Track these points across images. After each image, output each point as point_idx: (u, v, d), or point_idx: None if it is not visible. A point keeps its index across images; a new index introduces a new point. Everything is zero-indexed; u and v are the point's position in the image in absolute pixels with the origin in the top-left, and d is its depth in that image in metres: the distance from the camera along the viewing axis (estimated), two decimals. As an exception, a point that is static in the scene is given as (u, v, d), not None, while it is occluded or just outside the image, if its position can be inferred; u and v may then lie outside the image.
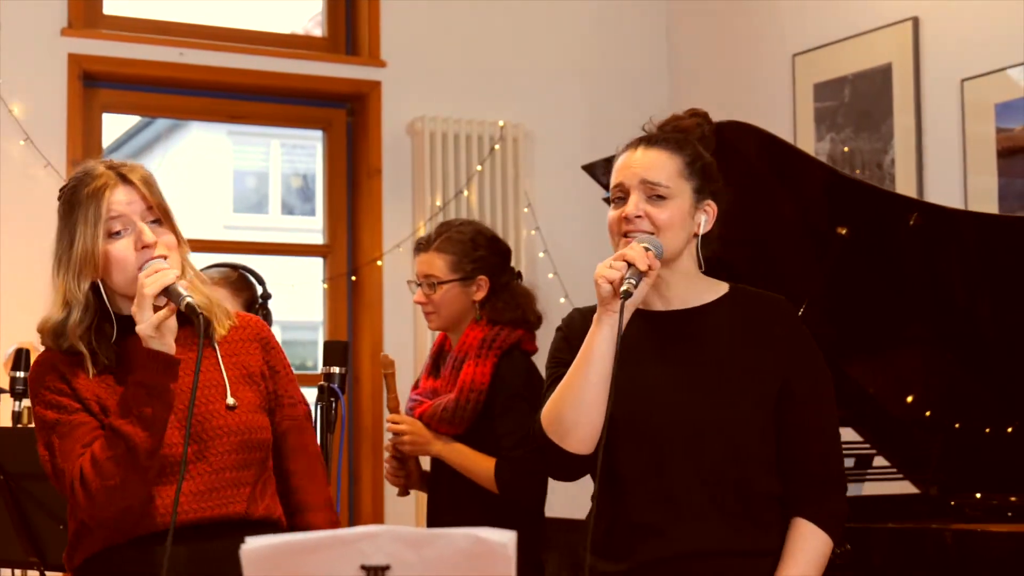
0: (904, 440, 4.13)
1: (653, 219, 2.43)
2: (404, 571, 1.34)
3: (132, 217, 2.45)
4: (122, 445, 2.33)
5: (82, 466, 2.35)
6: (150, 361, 2.36)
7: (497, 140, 5.71)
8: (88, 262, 2.43)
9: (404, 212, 5.61)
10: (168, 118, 9.00)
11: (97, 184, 2.44)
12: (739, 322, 2.50)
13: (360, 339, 5.62)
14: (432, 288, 3.50)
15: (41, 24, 5.12)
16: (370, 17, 5.64)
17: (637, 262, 2.33)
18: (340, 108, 5.72)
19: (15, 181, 5.01)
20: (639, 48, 6.16)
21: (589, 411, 2.39)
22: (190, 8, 5.69)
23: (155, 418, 2.35)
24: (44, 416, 2.42)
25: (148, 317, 2.35)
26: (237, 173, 14.77)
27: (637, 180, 2.45)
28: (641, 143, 2.51)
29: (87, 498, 2.34)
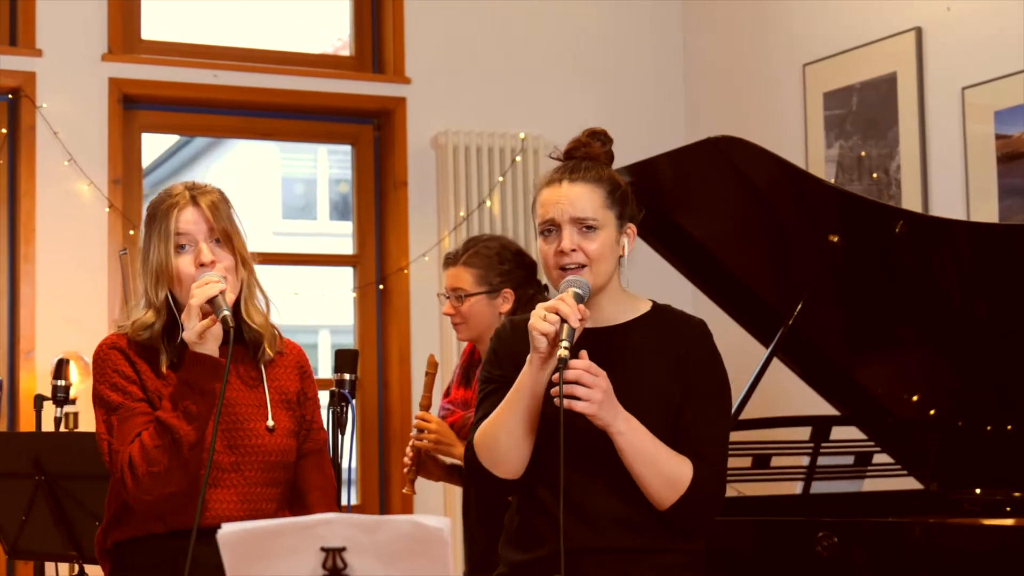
0: (906, 438, 4.22)
1: (586, 251, 2.60)
2: (358, 552, 1.57)
3: (196, 236, 2.69)
4: (168, 436, 2.56)
5: (131, 452, 2.58)
6: (195, 363, 2.60)
7: (518, 152, 5.91)
8: (162, 272, 2.68)
9: (429, 223, 5.81)
10: (203, 136, 9.24)
11: (171, 202, 2.70)
12: (654, 339, 2.67)
13: (388, 345, 5.84)
14: (460, 300, 3.67)
15: (83, 51, 5.36)
16: (395, 36, 5.84)
17: (570, 319, 2.48)
18: (367, 124, 5.93)
19: (59, 199, 5.25)
20: (655, 60, 6.33)
21: (520, 445, 2.60)
22: (223, 31, 5.92)
23: (198, 414, 2.58)
24: (108, 397, 2.64)
25: (194, 324, 2.60)
26: (285, 180, 14.98)
27: (567, 216, 2.61)
28: (564, 178, 2.66)
29: (134, 481, 2.56)
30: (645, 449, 2.55)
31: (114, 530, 2.72)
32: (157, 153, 12.85)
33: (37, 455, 3.63)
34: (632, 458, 2.54)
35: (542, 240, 2.66)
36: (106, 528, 2.74)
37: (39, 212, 5.24)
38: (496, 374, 2.72)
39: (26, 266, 5.22)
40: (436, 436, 3.67)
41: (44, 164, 5.26)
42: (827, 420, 4.26)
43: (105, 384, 2.66)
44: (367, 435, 5.85)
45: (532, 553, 2.66)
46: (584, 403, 2.47)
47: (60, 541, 3.66)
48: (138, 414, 2.63)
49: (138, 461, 2.57)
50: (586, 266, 2.60)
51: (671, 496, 2.56)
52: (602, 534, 2.60)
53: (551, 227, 2.64)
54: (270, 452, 2.74)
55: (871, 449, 4.39)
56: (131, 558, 2.69)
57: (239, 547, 1.58)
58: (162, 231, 2.69)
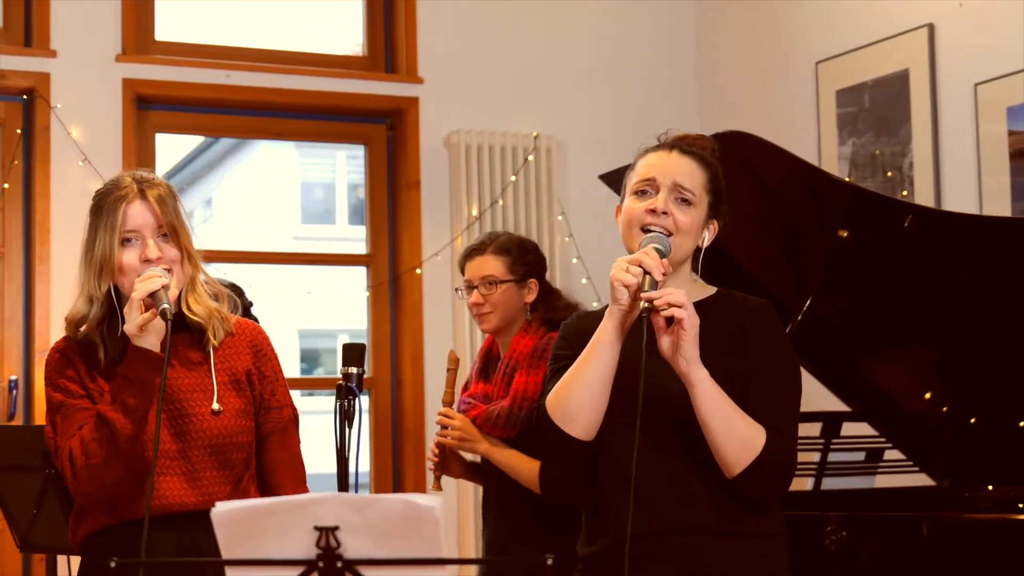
0: (918, 434, 4.22)
1: (677, 220, 2.56)
2: (350, 530, 1.58)
3: (143, 231, 2.69)
4: (106, 429, 2.60)
5: (72, 445, 2.62)
6: (135, 357, 2.62)
7: (531, 151, 5.93)
8: (105, 264, 2.69)
9: (442, 222, 5.84)
10: (217, 136, 9.28)
11: (119, 195, 2.71)
12: (718, 320, 2.59)
13: (401, 343, 5.87)
14: (490, 288, 3.69)
15: (97, 51, 5.40)
16: (407, 37, 5.88)
17: (653, 272, 2.44)
18: (380, 123, 5.96)
19: (74, 199, 5.27)
20: (668, 58, 6.35)
21: (594, 400, 2.52)
22: (236, 32, 5.95)
23: (136, 407, 2.61)
24: (52, 397, 2.70)
25: (135, 318, 2.61)
26: (304, 185, 15.05)
27: (671, 181, 2.58)
28: (674, 147, 2.65)
29: (73, 474, 2.62)
30: (721, 403, 2.47)
31: (78, 526, 2.77)
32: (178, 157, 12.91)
33: (46, 449, 3.65)
34: (710, 410, 2.46)
35: (634, 198, 2.62)
36: (73, 524, 2.79)
37: (53, 212, 5.28)
38: (567, 353, 2.67)
39: (41, 266, 5.26)
40: (460, 433, 3.68)
41: (59, 164, 5.30)
42: (838, 416, 4.26)
43: (50, 386, 2.71)
44: (381, 433, 5.88)
45: (597, 544, 2.63)
46: (690, 315, 2.41)
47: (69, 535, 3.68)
48: (79, 410, 2.67)
49: (77, 454, 2.61)
50: (672, 234, 2.56)
51: (744, 458, 2.47)
52: (670, 514, 2.53)
53: (648, 187, 2.60)
54: (216, 435, 2.74)
55: (882, 445, 4.40)
56: (97, 551, 2.73)
57: (232, 526, 1.59)
58: (108, 224, 2.69)
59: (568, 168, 6.06)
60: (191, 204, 15.23)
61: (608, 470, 2.60)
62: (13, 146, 5.32)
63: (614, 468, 2.57)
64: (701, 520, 2.53)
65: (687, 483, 2.54)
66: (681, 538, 2.53)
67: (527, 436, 3.57)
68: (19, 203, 5.33)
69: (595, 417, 2.54)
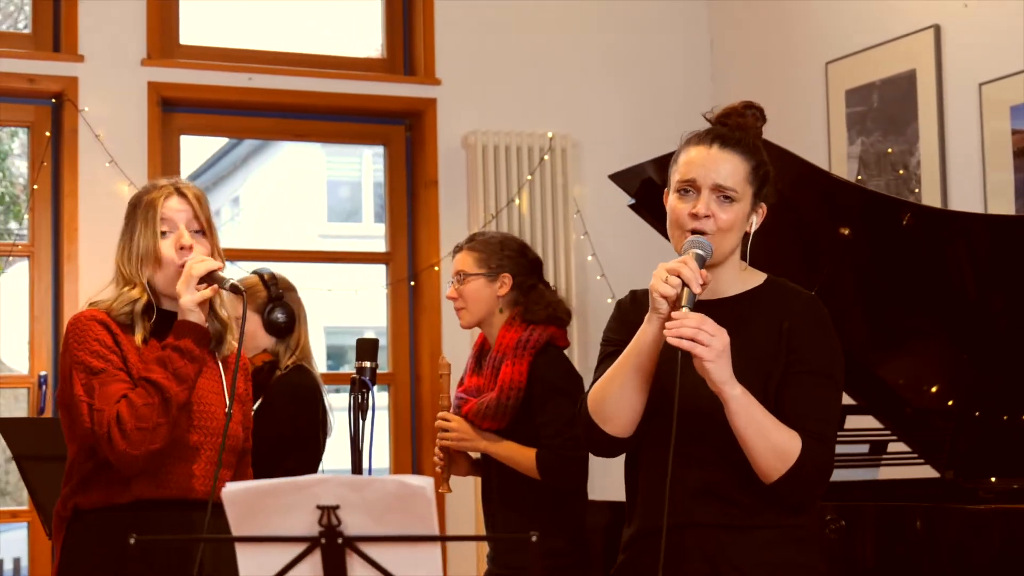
0: (922, 427, 4.28)
1: (719, 221, 2.57)
2: (350, 509, 1.71)
3: (178, 223, 2.89)
4: (159, 395, 2.75)
5: (119, 410, 2.74)
6: (186, 329, 2.80)
7: (546, 151, 6.04)
8: (146, 255, 2.87)
9: (459, 220, 5.95)
10: (239, 138, 9.41)
11: (157, 193, 2.91)
12: (761, 313, 2.62)
13: (420, 340, 5.99)
14: (463, 282, 3.82)
15: (123, 56, 5.54)
16: (425, 39, 5.99)
17: (692, 283, 2.45)
18: (399, 124, 6.08)
19: (101, 199, 5.42)
20: (682, 59, 6.45)
21: (632, 401, 2.58)
22: (258, 36, 6.07)
23: (188, 376, 2.78)
24: (89, 362, 2.80)
25: (192, 293, 2.79)
26: (330, 183, 15.15)
27: (711, 182, 2.57)
28: (715, 141, 2.62)
29: (123, 437, 2.72)
30: (755, 416, 2.48)
31: (77, 495, 2.87)
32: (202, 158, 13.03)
33: (75, 440, 3.79)
34: (744, 424, 2.48)
35: (676, 197, 2.62)
36: (68, 494, 2.88)
37: (81, 212, 5.42)
38: (615, 338, 2.72)
39: (69, 264, 5.41)
40: (457, 434, 3.79)
41: (86, 166, 5.44)
42: (842, 409, 4.34)
43: (85, 351, 2.81)
44: (400, 429, 6.00)
45: (633, 528, 2.70)
46: (704, 348, 2.41)
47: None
48: (119, 380, 2.80)
49: (127, 418, 2.73)
50: (714, 234, 2.57)
51: (779, 468, 2.49)
52: (693, 509, 2.57)
53: (689, 187, 2.60)
54: (229, 436, 2.91)
55: (886, 438, 4.46)
56: (89, 527, 2.84)
57: (241, 504, 1.73)
58: (148, 217, 2.88)
59: (583, 167, 6.16)
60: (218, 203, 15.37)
61: (644, 461, 2.67)
62: (42, 148, 5.46)
63: (649, 460, 2.64)
64: (722, 515, 2.57)
65: (714, 479, 2.58)
66: (702, 531, 2.58)
67: (519, 425, 3.70)
68: (48, 203, 5.48)
69: (633, 417, 2.60)
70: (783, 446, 2.49)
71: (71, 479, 2.89)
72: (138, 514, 2.79)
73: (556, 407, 3.64)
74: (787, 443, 2.49)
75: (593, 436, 2.65)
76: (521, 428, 3.71)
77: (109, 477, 2.82)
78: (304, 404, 4.00)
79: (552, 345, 3.77)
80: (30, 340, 5.48)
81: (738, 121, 2.67)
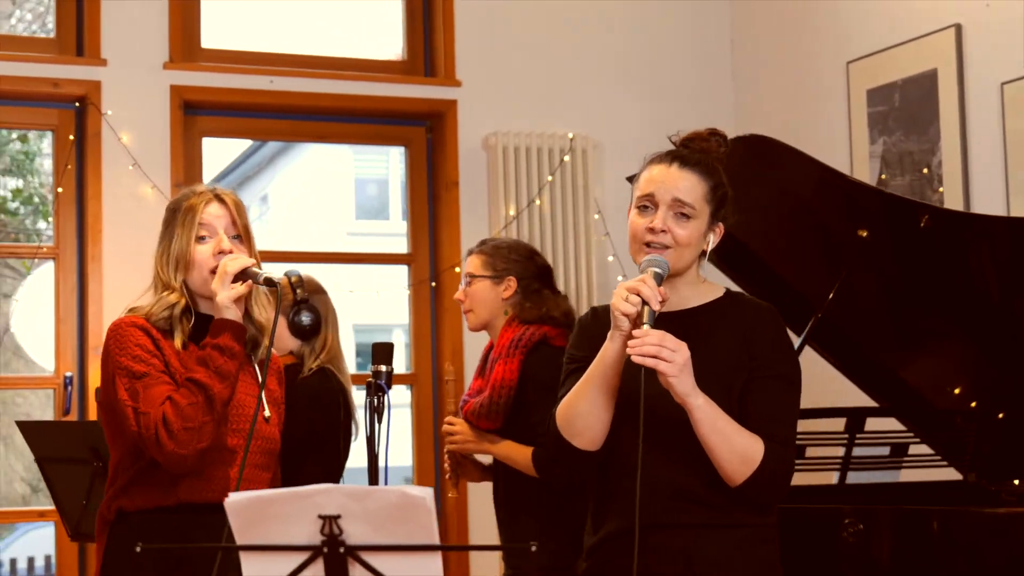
0: (945, 429, 4.27)
1: (675, 236, 2.67)
2: (351, 518, 1.73)
3: (217, 228, 2.93)
4: (203, 395, 2.78)
5: (165, 411, 2.77)
6: (224, 327, 2.84)
7: (567, 151, 6.05)
8: (182, 259, 2.91)
9: (480, 221, 5.96)
10: (261, 140, 9.46)
11: (196, 199, 2.95)
12: (722, 324, 2.73)
13: (441, 340, 6.01)
14: (469, 284, 3.90)
15: (145, 60, 5.58)
16: (445, 41, 6.01)
17: (651, 302, 2.56)
18: (419, 126, 6.10)
19: (124, 202, 5.47)
20: (703, 59, 6.44)
21: (600, 416, 2.68)
22: (279, 38, 6.11)
23: (229, 373, 2.81)
24: (132, 367, 2.83)
25: (229, 291, 2.83)
26: (358, 181, 15.19)
27: (670, 197, 2.68)
28: (675, 160, 2.73)
29: (170, 438, 2.75)
30: (719, 424, 2.59)
31: (122, 498, 2.89)
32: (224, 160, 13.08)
33: (94, 443, 3.84)
34: (708, 431, 2.58)
35: (636, 212, 2.72)
36: (113, 496, 2.90)
37: (105, 214, 5.47)
38: (579, 355, 2.81)
39: (93, 266, 5.45)
40: (461, 438, 3.85)
41: (110, 168, 5.48)
42: (862, 411, 4.33)
43: (127, 356, 2.85)
44: (423, 429, 6.02)
45: (599, 533, 2.77)
46: (667, 364, 2.51)
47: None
48: (162, 383, 2.83)
49: (173, 418, 2.76)
50: (671, 248, 2.67)
51: (744, 471, 2.60)
52: (666, 510, 2.66)
53: (648, 203, 2.70)
54: (266, 439, 2.96)
55: (907, 440, 4.43)
56: (133, 528, 2.85)
57: (244, 513, 1.75)
58: (187, 221, 2.92)
59: (604, 168, 6.16)
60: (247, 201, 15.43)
61: (614, 466, 2.73)
62: (66, 152, 5.51)
63: (619, 465, 2.70)
64: (696, 515, 2.67)
65: (682, 482, 2.68)
66: (676, 531, 2.67)
67: (515, 424, 3.73)
68: (72, 206, 5.53)
69: (602, 430, 2.70)
70: (746, 451, 2.61)
71: (115, 482, 2.91)
72: (181, 517, 2.83)
73: (550, 405, 3.63)
74: (750, 448, 2.61)
75: (563, 451, 2.74)
76: (518, 427, 3.75)
77: (154, 480, 2.84)
78: (323, 408, 4.02)
79: (545, 344, 3.80)
80: (56, 341, 5.53)
81: (702, 145, 2.79)
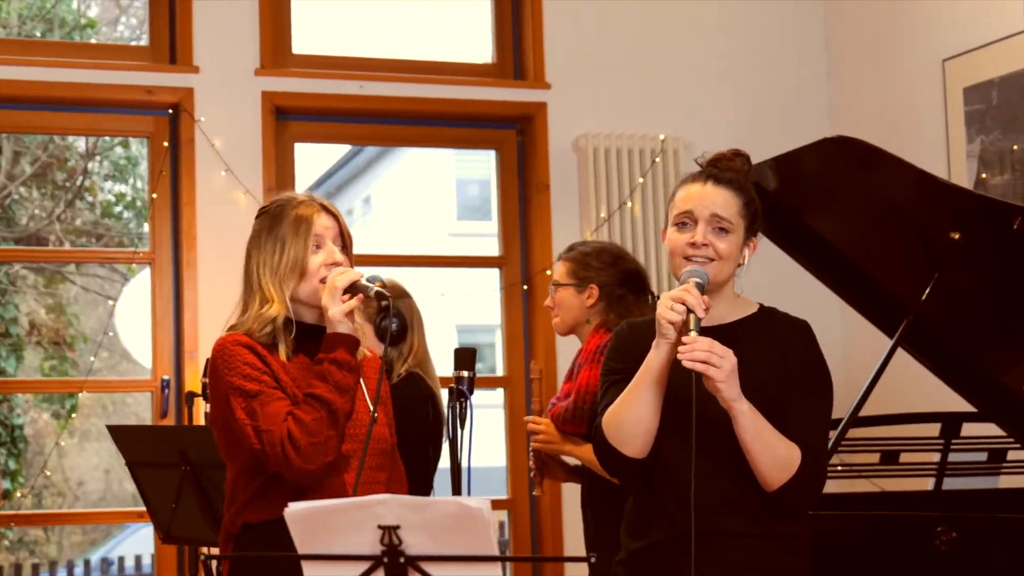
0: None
1: (716, 249, 2.80)
2: (410, 529, 1.73)
3: (327, 239, 2.96)
4: (325, 409, 2.80)
5: (290, 428, 2.79)
6: (338, 341, 2.86)
7: (658, 153, 6.01)
8: (294, 269, 2.92)
9: (572, 224, 5.94)
10: (352, 144, 9.54)
11: (305, 208, 2.96)
12: (759, 339, 2.85)
13: (534, 342, 6.01)
14: (555, 291, 3.93)
15: (237, 66, 5.65)
16: (535, 43, 6.01)
17: (696, 309, 2.68)
18: (510, 129, 6.11)
19: (217, 207, 5.55)
20: (796, 57, 6.36)
21: (647, 424, 2.77)
22: (369, 43, 6.16)
23: (349, 387, 2.84)
24: (245, 387, 2.85)
25: (339, 305, 2.86)
26: (459, 182, 15.29)
27: (708, 213, 2.81)
28: (709, 178, 2.87)
29: (297, 454, 2.78)
30: (762, 430, 2.70)
31: (246, 513, 2.90)
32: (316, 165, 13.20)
33: (183, 447, 3.89)
34: (751, 437, 2.69)
35: (675, 230, 2.84)
36: (236, 513, 2.93)
37: (199, 220, 5.55)
38: (618, 367, 2.91)
39: (188, 271, 5.53)
40: (545, 437, 3.88)
41: (203, 175, 5.56)
42: (958, 416, 4.26)
43: (237, 376, 2.86)
44: (516, 432, 6.02)
45: (645, 539, 2.85)
46: (716, 370, 2.63)
47: (207, 528, 3.91)
48: (277, 399, 2.85)
49: (298, 435, 2.78)
50: (713, 261, 2.80)
51: (781, 477, 2.72)
52: (710, 518, 2.74)
53: (687, 220, 2.83)
54: (376, 440, 2.97)
55: (1007, 445, 4.36)
56: (256, 541, 2.87)
57: (304, 524, 1.75)
58: (300, 232, 2.93)
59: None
60: (350, 204, 15.61)
61: (660, 474, 2.82)
62: (161, 158, 5.60)
63: (666, 473, 2.80)
64: (740, 524, 2.77)
65: (729, 490, 2.78)
66: (722, 539, 2.77)
67: None
68: (167, 212, 5.62)
69: (648, 439, 2.79)
70: (785, 457, 2.73)
71: (236, 499, 2.94)
72: None
73: None
74: (788, 454, 2.73)
75: (611, 460, 2.83)
76: None
77: (276, 493, 2.84)
78: (410, 415, 4.04)
79: None
80: (152, 344, 5.63)
81: (728, 164, 2.92)
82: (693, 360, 2.63)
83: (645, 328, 2.89)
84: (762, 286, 3.26)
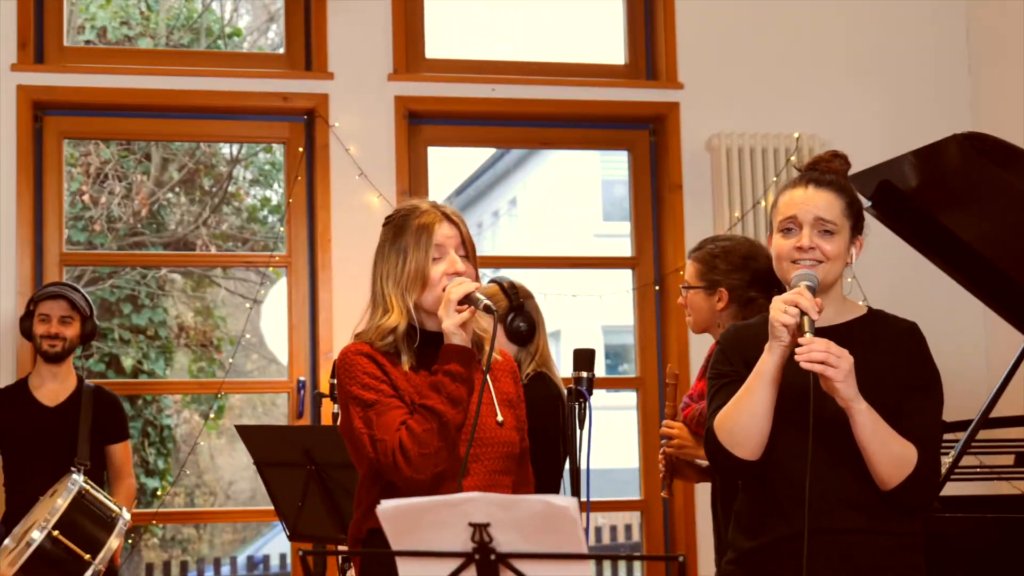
0: None
1: (823, 251, 2.82)
2: (500, 526, 1.73)
3: (448, 248, 2.97)
4: (436, 420, 2.83)
5: (401, 438, 2.83)
6: (453, 353, 2.88)
7: (793, 151, 5.93)
8: (417, 277, 2.94)
9: (705, 223, 5.90)
10: (484, 147, 9.58)
11: (427, 218, 2.98)
12: (870, 340, 2.85)
13: (667, 343, 5.98)
14: (686, 291, 3.88)
15: (370, 72, 5.73)
16: (667, 43, 5.99)
17: (810, 312, 2.71)
18: (643, 129, 6.09)
19: (352, 210, 5.65)
20: (935, 53, 6.23)
21: (761, 426, 2.79)
22: (501, 45, 6.19)
23: (462, 399, 2.86)
24: (363, 396, 2.90)
25: (453, 317, 2.87)
26: (605, 183, 15.28)
27: (812, 216, 2.83)
28: (811, 182, 2.88)
29: (407, 464, 2.82)
30: (878, 429, 2.71)
31: (370, 520, 2.91)
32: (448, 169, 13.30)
33: (308, 447, 3.96)
34: (869, 435, 2.71)
35: (780, 235, 2.87)
36: (361, 519, 2.97)
37: (334, 223, 5.64)
38: (727, 370, 2.94)
39: (323, 273, 5.63)
40: (679, 441, 3.85)
41: (337, 179, 5.66)
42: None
43: (356, 385, 2.91)
44: (650, 432, 6.00)
45: (760, 539, 2.86)
46: (834, 370, 2.65)
47: (331, 525, 3.97)
48: (394, 408, 2.88)
49: (409, 445, 2.81)
50: (821, 263, 2.81)
51: (898, 476, 2.73)
52: (829, 515, 2.76)
53: (792, 225, 2.85)
54: (503, 444, 2.99)
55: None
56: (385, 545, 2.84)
57: (397, 521, 1.77)
58: (422, 242, 2.95)
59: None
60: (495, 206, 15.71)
61: (776, 472, 2.83)
62: (296, 163, 5.72)
63: (781, 472, 2.81)
64: (858, 521, 2.78)
65: (846, 488, 2.79)
66: (840, 537, 2.77)
67: None
68: (303, 216, 5.73)
69: (762, 441, 2.80)
70: (902, 456, 2.74)
71: (362, 503, 2.99)
72: None
73: None
74: (905, 453, 2.75)
75: (724, 462, 2.84)
76: None
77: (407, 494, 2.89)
78: (540, 416, 4.05)
79: None
80: (289, 347, 5.73)
81: (827, 166, 2.93)
82: (811, 361, 2.65)
83: (752, 331, 2.92)
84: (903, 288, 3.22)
